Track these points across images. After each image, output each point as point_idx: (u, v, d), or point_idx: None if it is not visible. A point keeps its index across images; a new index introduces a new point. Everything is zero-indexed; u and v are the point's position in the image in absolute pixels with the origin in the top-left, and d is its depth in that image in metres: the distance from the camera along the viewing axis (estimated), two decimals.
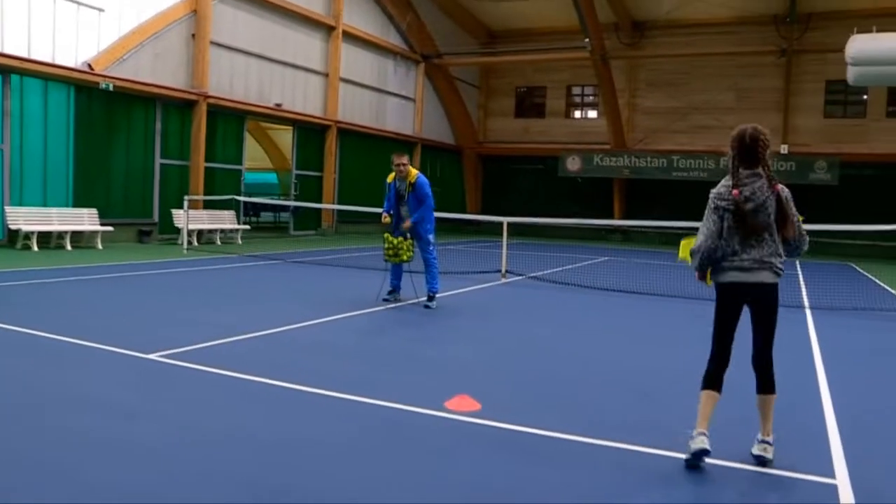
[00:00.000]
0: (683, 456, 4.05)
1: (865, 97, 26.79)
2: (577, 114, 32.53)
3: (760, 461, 4.07)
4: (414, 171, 9.56)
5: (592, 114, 31.94)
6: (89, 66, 16.57)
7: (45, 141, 15.97)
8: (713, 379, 4.18)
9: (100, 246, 16.27)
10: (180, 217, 17.70)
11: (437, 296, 9.70)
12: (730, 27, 27.52)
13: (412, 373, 6.08)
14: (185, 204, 16.89)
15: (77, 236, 16.27)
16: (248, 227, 21.76)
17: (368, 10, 26.45)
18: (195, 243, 18.14)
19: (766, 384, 4.19)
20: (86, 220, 16.47)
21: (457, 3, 30.32)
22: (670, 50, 28.61)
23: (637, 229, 28.19)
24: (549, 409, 5.12)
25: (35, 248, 14.96)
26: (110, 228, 16.73)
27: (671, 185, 27.90)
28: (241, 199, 20.21)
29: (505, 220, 14.01)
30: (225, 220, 20.08)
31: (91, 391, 5.14)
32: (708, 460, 4.08)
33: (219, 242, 19.26)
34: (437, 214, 10.09)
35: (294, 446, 4.14)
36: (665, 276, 14.44)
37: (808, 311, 10.56)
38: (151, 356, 6.10)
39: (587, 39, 26.01)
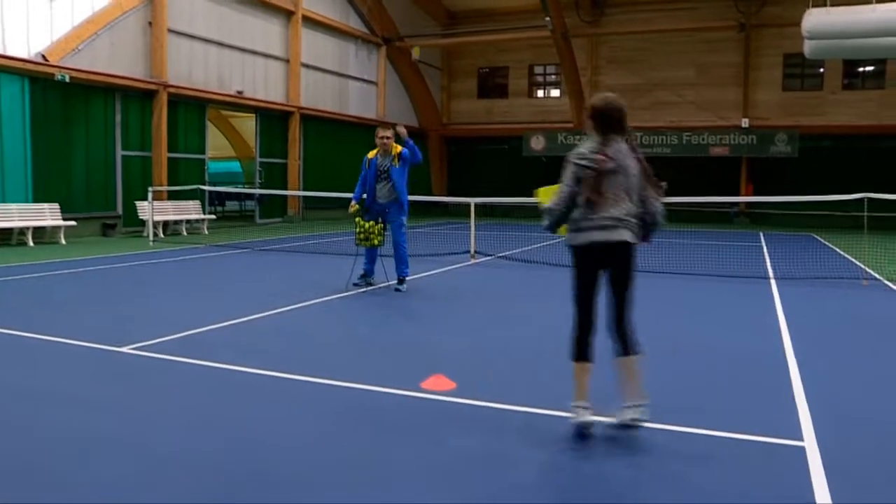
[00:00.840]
0: (644, 422, 4.19)
1: (822, 70, 27.21)
2: (540, 93, 32.59)
3: (634, 424, 4.09)
4: (397, 146, 9.56)
5: (555, 93, 32.01)
6: (43, 57, 16.19)
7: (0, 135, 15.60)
8: (584, 349, 4.17)
9: (63, 241, 16.00)
10: (145, 209, 17.45)
11: (408, 278, 9.74)
12: (689, 3, 27.69)
13: (387, 355, 6.12)
14: (150, 195, 16.66)
15: (39, 232, 15.97)
16: (213, 216, 21.53)
17: None
18: (161, 235, 17.92)
19: (628, 346, 4.16)
20: (47, 215, 16.16)
21: None
22: (631, 27, 28.74)
23: None
24: (522, 386, 5.20)
25: None
26: (73, 223, 16.44)
27: None
28: (206, 188, 19.99)
29: (472, 200, 14.07)
30: (190, 211, 19.85)
31: (66, 387, 5.09)
32: (672, 427, 4.19)
33: (185, 233, 19.05)
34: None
35: (272, 431, 4.16)
36: None
37: (772, 282, 10.81)
38: (124, 349, 6.05)
39: (548, 18, 26.00)
